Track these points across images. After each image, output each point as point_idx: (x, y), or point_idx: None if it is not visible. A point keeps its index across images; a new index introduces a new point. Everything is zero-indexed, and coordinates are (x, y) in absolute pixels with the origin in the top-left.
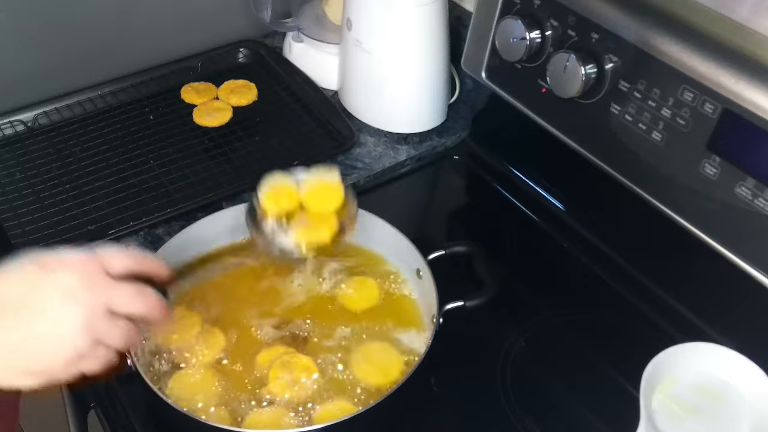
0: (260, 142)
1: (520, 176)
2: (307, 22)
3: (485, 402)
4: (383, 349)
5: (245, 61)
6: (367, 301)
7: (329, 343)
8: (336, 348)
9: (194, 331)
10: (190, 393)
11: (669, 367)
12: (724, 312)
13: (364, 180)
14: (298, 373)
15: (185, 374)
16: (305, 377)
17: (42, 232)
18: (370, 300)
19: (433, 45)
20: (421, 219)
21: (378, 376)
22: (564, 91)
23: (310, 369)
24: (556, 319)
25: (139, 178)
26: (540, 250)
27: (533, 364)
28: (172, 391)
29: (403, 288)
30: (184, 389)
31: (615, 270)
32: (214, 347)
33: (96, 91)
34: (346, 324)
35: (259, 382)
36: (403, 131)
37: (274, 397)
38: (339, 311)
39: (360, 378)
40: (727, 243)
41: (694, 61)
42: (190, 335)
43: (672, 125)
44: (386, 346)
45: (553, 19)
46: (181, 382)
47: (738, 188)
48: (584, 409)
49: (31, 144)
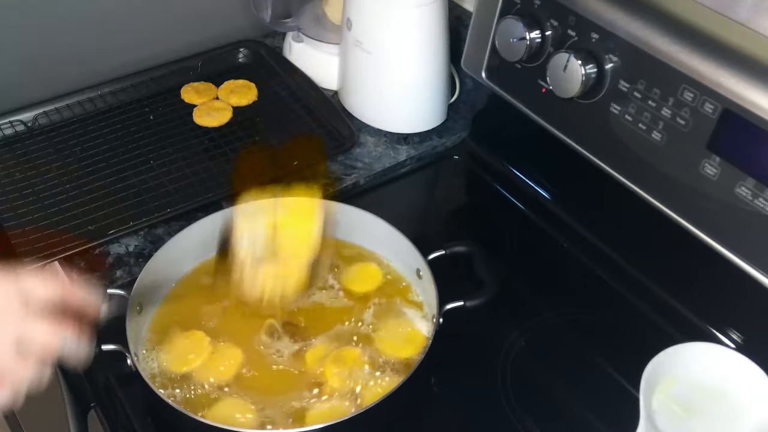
0: (260, 142)
1: (520, 176)
2: (307, 22)
3: (485, 402)
4: (400, 323)
5: (245, 61)
6: (371, 282)
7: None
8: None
9: (207, 351)
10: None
11: (669, 367)
12: (724, 312)
13: (364, 180)
14: (351, 365)
15: (225, 403)
16: (358, 367)
17: (42, 232)
18: (375, 281)
19: (433, 45)
20: (421, 219)
21: (407, 349)
22: (564, 91)
23: (361, 359)
24: (556, 319)
25: (139, 178)
26: (540, 250)
27: (533, 364)
28: (218, 419)
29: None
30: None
31: (615, 270)
32: (233, 362)
33: (96, 91)
34: (357, 308)
35: (307, 381)
36: (403, 131)
37: (323, 393)
38: (343, 299)
39: (390, 354)
40: (727, 243)
41: (694, 61)
42: (204, 356)
43: (672, 125)
44: (402, 320)
45: (553, 19)
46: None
47: (738, 188)
48: (584, 409)
49: (31, 144)
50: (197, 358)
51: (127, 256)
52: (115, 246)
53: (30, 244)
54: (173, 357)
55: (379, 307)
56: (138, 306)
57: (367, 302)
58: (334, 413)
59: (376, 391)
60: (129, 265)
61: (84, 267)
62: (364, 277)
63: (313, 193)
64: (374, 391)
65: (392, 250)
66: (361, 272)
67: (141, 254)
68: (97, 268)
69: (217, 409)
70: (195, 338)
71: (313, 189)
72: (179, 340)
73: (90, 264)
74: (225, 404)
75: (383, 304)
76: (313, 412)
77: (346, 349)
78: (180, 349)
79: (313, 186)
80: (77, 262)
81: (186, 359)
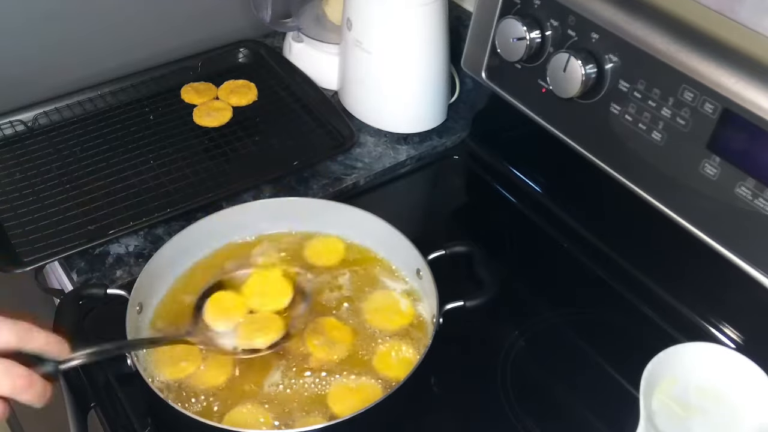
0: (260, 142)
1: (520, 176)
2: (307, 22)
3: (485, 402)
4: (385, 295)
5: (245, 61)
6: (335, 253)
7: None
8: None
9: (197, 363)
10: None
11: (669, 367)
12: (725, 312)
13: (364, 180)
14: (330, 333)
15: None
16: (340, 335)
17: (42, 232)
18: (338, 252)
19: (433, 45)
20: (420, 219)
21: (394, 320)
22: (564, 91)
23: (338, 326)
24: (556, 319)
25: (139, 178)
26: (540, 250)
27: (533, 364)
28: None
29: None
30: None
31: (615, 270)
32: (223, 368)
33: (96, 91)
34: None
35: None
36: (403, 131)
37: (320, 367)
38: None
39: (377, 326)
40: (727, 243)
41: (694, 61)
42: (194, 367)
43: (672, 125)
44: (387, 292)
45: (553, 19)
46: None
47: (738, 188)
48: (584, 409)
49: (31, 144)
50: (190, 366)
51: (127, 256)
52: (115, 246)
53: (30, 244)
54: (166, 364)
55: (356, 275)
56: (138, 306)
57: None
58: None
59: (389, 358)
60: (129, 265)
61: (84, 267)
62: (327, 251)
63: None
64: (387, 359)
65: (392, 250)
66: (324, 246)
67: (141, 254)
68: (97, 268)
69: (233, 415)
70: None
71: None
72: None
73: (90, 264)
74: (238, 411)
75: (359, 272)
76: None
77: (321, 319)
78: (172, 356)
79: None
80: (77, 262)
81: (179, 367)
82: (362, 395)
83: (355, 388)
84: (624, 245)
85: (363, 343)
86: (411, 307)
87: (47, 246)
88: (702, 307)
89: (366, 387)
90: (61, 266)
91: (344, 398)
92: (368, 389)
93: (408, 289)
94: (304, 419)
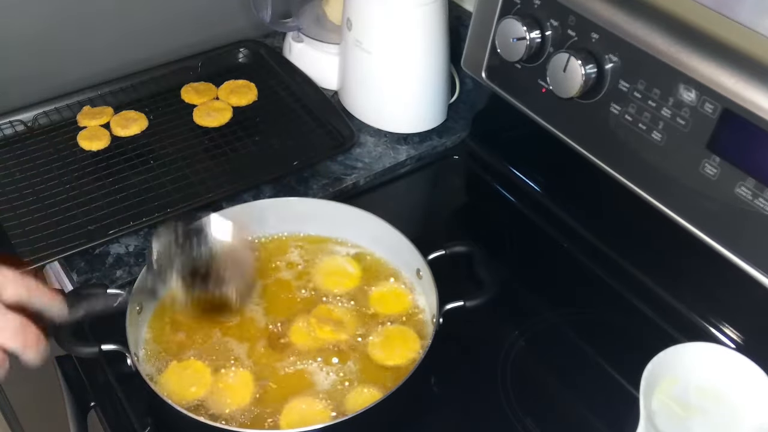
0: (260, 142)
1: (520, 176)
2: (307, 22)
3: (485, 402)
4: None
5: (245, 61)
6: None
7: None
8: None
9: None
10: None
11: (669, 367)
12: (724, 312)
13: (364, 180)
14: (330, 316)
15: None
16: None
17: (42, 232)
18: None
19: (433, 45)
20: (420, 219)
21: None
22: (564, 91)
23: (330, 309)
24: (556, 319)
25: (139, 178)
26: (540, 250)
27: (533, 364)
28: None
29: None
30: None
31: (615, 270)
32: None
33: (96, 91)
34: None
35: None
36: (403, 131)
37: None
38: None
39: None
40: (727, 243)
41: (694, 61)
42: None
43: (672, 125)
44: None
45: (553, 19)
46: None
47: (738, 188)
48: (584, 409)
49: (31, 144)
50: (200, 390)
51: (127, 256)
52: (115, 246)
53: (30, 244)
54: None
55: (306, 251)
56: (138, 306)
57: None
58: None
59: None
60: (129, 265)
61: (84, 267)
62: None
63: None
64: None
65: (392, 250)
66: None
67: (141, 254)
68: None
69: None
70: (195, 368)
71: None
72: (178, 370)
73: (90, 264)
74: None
75: (311, 248)
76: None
77: (315, 310)
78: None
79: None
80: (77, 262)
81: (189, 391)
82: (401, 337)
83: (392, 335)
84: (624, 245)
85: (361, 301)
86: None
87: (47, 246)
88: (702, 307)
89: (398, 331)
90: (61, 266)
91: (386, 346)
92: (400, 332)
93: (354, 254)
94: (366, 388)
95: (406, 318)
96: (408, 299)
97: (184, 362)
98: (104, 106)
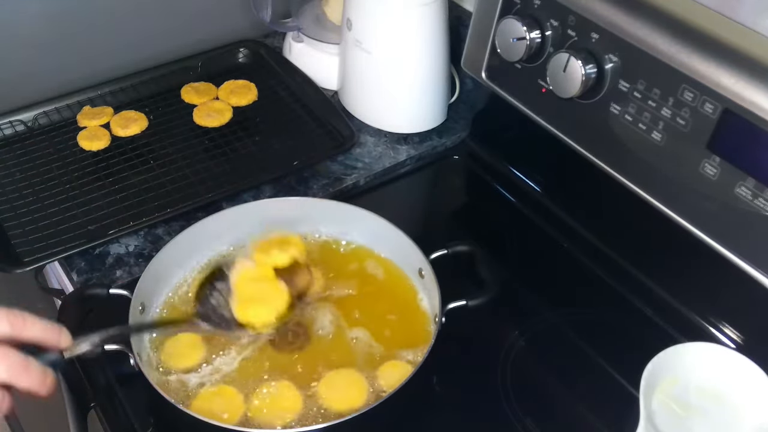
0: (260, 142)
1: (520, 176)
2: (307, 22)
3: (486, 402)
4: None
5: (245, 61)
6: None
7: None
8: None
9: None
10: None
11: (669, 367)
12: (724, 312)
13: (364, 180)
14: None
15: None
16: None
17: (42, 232)
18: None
19: (433, 45)
20: (421, 219)
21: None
22: (564, 91)
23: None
24: (557, 319)
25: (139, 178)
26: (540, 250)
27: (533, 364)
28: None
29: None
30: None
31: (615, 270)
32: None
33: (96, 91)
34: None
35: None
36: (403, 131)
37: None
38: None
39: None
40: (727, 243)
41: (694, 61)
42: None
43: (672, 125)
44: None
45: (553, 19)
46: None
47: (738, 188)
48: (584, 409)
49: (31, 144)
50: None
51: (127, 256)
52: (115, 246)
53: (30, 244)
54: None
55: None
56: (140, 306)
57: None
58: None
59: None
60: (129, 265)
61: (84, 267)
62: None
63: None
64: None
65: (394, 250)
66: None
67: (141, 254)
68: (97, 268)
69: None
70: (226, 394)
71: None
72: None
73: (90, 264)
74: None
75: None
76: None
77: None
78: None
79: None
80: (77, 262)
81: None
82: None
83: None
84: (624, 245)
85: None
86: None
87: (47, 246)
88: (702, 307)
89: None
90: (61, 266)
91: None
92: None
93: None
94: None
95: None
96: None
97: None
98: (104, 106)
